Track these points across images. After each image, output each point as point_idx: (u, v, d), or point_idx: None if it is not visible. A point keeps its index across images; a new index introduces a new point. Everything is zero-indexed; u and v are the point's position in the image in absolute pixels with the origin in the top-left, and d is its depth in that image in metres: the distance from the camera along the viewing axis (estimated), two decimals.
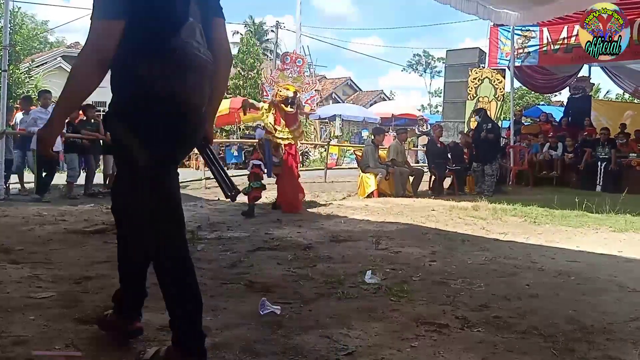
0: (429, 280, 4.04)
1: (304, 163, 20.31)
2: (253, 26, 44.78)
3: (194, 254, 4.69)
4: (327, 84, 41.96)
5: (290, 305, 3.30)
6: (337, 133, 27.02)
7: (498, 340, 2.80)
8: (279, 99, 7.84)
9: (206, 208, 8.10)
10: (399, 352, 2.64)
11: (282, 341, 2.72)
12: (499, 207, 8.19)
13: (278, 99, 7.85)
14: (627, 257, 5.03)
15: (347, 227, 6.56)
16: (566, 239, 5.96)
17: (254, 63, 29.34)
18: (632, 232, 6.48)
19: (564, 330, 2.97)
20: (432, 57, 51.61)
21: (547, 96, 29.06)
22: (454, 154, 11.64)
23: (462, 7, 11.80)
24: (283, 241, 5.50)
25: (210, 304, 3.30)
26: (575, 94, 15.80)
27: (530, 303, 3.48)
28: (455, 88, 15.78)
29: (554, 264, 4.67)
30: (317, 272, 4.20)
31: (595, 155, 12.44)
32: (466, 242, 5.70)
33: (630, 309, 3.38)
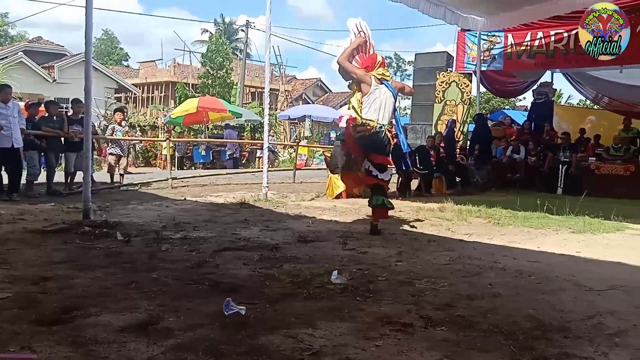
0: (394, 280, 4.05)
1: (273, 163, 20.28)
2: (223, 25, 44.56)
3: (157, 254, 4.68)
4: (298, 84, 41.96)
5: (255, 306, 3.27)
6: (306, 134, 27.01)
7: (460, 339, 2.83)
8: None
9: (172, 208, 7.99)
10: (363, 351, 2.64)
11: (246, 342, 2.70)
12: (464, 208, 8.28)
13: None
14: (585, 258, 5.14)
15: (314, 227, 6.55)
16: (528, 240, 6.06)
17: (223, 62, 29.18)
18: (590, 233, 6.62)
19: (523, 328, 3.03)
20: (403, 60, 52.07)
21: (512, 100, 29.61)
22: (422, 157, 11.72)
23: (430, 11, 11.91)
24: (250, 241, 5.46)
25: (174, 304, 3.27)
26: (538, 99, 16.05)
27: (492, 302, 3.53)
28: (423, 91, 15.90)
29: (516, 264, 4.74)
30: (283, 272, 4.18)
31: (557, 158, 12.71)
32: (432, 242, 5.75)
33: (587, 308, 3.46)
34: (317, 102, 38.86)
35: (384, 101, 6.15)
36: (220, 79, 28.97)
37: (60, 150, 10.10)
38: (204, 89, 28.34)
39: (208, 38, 36.23)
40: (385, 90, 6.17)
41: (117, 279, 3.85)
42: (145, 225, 6.28)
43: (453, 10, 12.67)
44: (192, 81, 31.48)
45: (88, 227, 5.86)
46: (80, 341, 2.65)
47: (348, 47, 6.46)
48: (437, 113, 15.43)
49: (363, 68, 6.30)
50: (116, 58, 53.11)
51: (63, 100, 20.00)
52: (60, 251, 4.75)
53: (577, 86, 16.88)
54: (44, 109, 10.35)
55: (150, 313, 3.10)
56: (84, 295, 3.43)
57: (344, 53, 6.40)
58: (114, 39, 56.34)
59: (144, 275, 3.97)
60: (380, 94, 6.14)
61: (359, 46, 6.47)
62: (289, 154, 22.68)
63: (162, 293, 3.51)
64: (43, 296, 3.39)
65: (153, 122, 23.83)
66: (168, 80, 33.29)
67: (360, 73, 6.24)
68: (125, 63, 52.67)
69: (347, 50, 6.41)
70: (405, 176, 11.23)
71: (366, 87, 6.15)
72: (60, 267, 4.15)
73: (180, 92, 27.75)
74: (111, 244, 5.15)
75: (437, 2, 11.96)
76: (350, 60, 6.37)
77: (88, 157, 7.20)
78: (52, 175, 9.79)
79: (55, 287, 3.59)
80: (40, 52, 28.40)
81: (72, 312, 3.08)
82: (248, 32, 33.12)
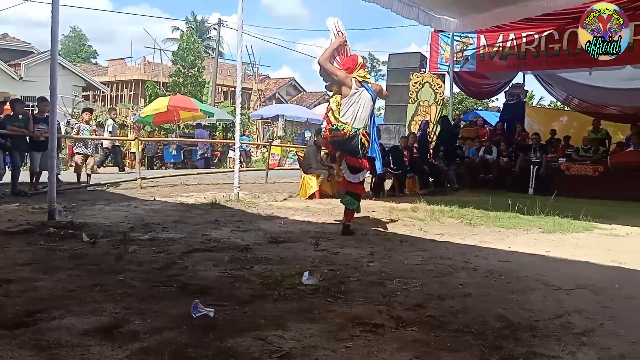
0: (366, 280, 4.04)
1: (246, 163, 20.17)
2: (195, 23, 44.20)
3: (124, 256, 4.59)
4: (271, 84, 41.84)
5: (224, 308, 3.22)
6: (279, 133, 26.93)
7: (431, 339, 2.83)
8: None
9: (141, 208, 7.86)
10: (333, 352, 2.61)
11: (214, 344, 2.65)
12: (437, 208, 8.32)
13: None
14: (554, 257, 5.21)
15: (287, 228, 6.51)
16: (499, 240, 6.11)
17: (194, 60, 28.93)
18: (559, 233, 6.72)
19: (493, 327, 3.04)
20: (377, 60, 52.22)
21: (485, 101, 29.94)
22: (395, 157, 11.76)
23: (404, 12, 11.96)
24: (220, 242, 5.39)
25: (140, 307, 3.20)
26: (510, 100, 16.27)
27: (463, 302, 3.54)
28: (397, 91, 15.99)
29: (487, 264, 4.77)
30: (253, 273, 4.13)
31: (528, 159, 12.90)
32: (404, 243, 5.75)
33: (555, 307, 3.49)
34: (290, 101, 38.78)
35: (363, 104, 6.13)
36: (191, 78, 28.71)
37: (26, 150, 9.87)
38: (175, 88, 28.06)
39: (179, 36, 35.89)
40: (365, 94, 6.15)
41: (82, 281, 3.76)
42: (112, 226, 6.16)
43: (426, 11, 12.76)
44: (162, 79, 31.16)
45: (53, 228, 5.73)
46: (43, 345, 2.58)
47: (328, 47, 6.40)
48: (410, 113, 15.53)
49: (344, 69, 6.26)
50: (84, 56, 52.21)
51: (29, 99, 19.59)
52: (25, 253, 4.64)
53: (548, 88, 17.13)
54: (10, 107, 10.11)
55: (116, 316, 3.03)
56: (47, 298, 3.34)
57: (325, 54, 6.32)
58: (82, 36, 55.36)
59: (109, 277, 3.88)
60: (361, 97, 6.12)
61: (339, 47, 6.44)
62: (262, 153, 22.57)
63: (128, 295, 3.43)
64: (5, 299, 3.30)
65: (122, 121, 23.49)
66: (138, 79, 32.89)
67: (341, 75, 6.19)
68: (94, 61, 51.80)
69: (327, 50, 6.35)
70: (378, 176, 11.25)
71: (347, 89, 6.12)
72: (24, 269, 4.05)
73: (150, 91, 27.40)
74: (77, 245, 5.04)
75: (410, 3, 12.02)
76: (331, 61, 6.33)
77: (53, 156, 7.04)
78: (17, 175, 9.56)
79: (18, 289, 3.50)
80: (6, 50, 27.85)
81: (35, 315, 3.00)
82: (220, 31, 32.81)
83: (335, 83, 6.34)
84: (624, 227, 7.24)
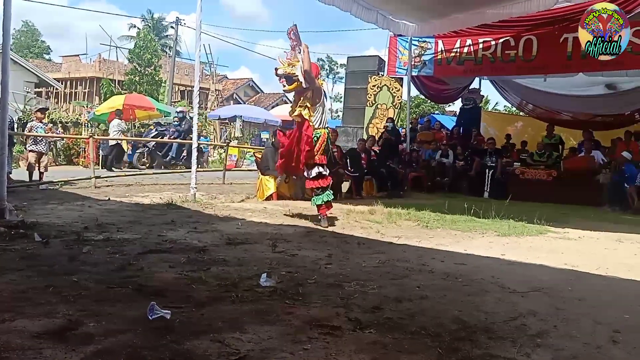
0: (324, 283, 4.05)
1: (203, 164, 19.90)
2: (152, 21, 43.53)
3: (78, 257, 4.47)
4: (229, 84, 41.56)
5: (181, 310, 3.19)
6: (237, 134, 26.73)
7: (388, 341, 2.85)
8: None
9: (95, 208, 7.68)
10: (291, 355, 2.61)
11: (171, 347, 2.62)
12: (394, 211, 8.39)
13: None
14: (509, 260, 5.33)
15: (244, 229, 6.47)
16: (455, 243, 6.22)
17: (151, 59, 28.50)
18: (514, 236, 6.89)
19: (449, 329, 3.08)
20: (335, 62, 52.46)
21: (442, 105, 30.34)
22: (352, 160, 11.83)
23: (363, 15, 12.02)
24: (177, 243, 5.32)
25: (94, 309, 3.13)
26: (466, 105, 16.51)
27: (420, 304, 3.59)
28: (355, 94, 16.10)
29: (443, 266, 4.85)
30: (211, 275, 4.10)
31: (484, 163, 13.15)
32: (362, 245, 5.79)
33: (510, 309, 3.57)
34: (248, 102, 38.63)
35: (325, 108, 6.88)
36: (148, 76, 28.28)
37: None
38: (131, 86, 27.57)
39: (136, 34, 35.31)
40: (324, 98, 6.85)
41: (34, 282, 3.66)
42: (66, 226, 6.01)
43: (385, 16, 12.85)
44: (118, 77, 30.56)
45: (3, 227, 5.55)
46: None
47: (305, 55, 6.75)
48: (368, 116, 15.66)
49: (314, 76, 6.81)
50: (37, 51, 50.81)
51: None
52: None
53: (503, 93, 17.47)
54: None
55: (69, 318, 2.96)
56: None
57: (307, 62, 6.73)
58: (35, 31, 53.87)
59: (63, 278, 3.78)
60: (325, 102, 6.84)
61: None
62: (219, 154, 22.34)
63: (82, 297, 3.36)
64: None
65: (76, 118, 22.92)
66: (93, 76, 32.19)
67: (318, 83, 6.81)
68: (47, 57, 50.52)
69: (307, 58, 6.73)
70: (336, 178, 11.29)
71: (321, 96, 6.76)
72: None
73: (105, 89, 26.86)
74: (28, 245, 4.90)
75: (369, 7, 12.08)
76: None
77: (4, 153, 6.81)
78: None
79: None
80: None
81: None
82: (178, 29, 32.45)
83: (315, 89, 6.82)
84: (576, 230, 7.46)
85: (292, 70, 6.87)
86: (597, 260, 5.42)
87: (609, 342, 3.02)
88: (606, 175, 11.64)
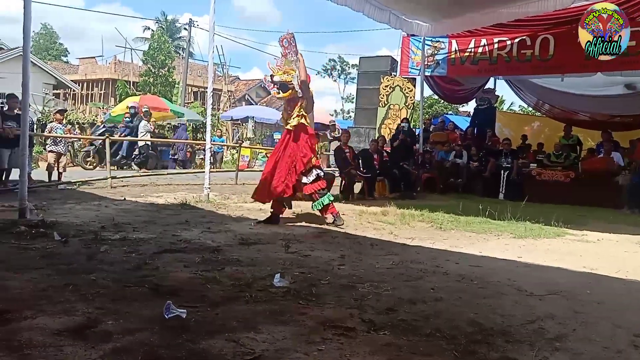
0: (337, 283, 4.06)
1: (215, 164, 19.97)
2: (165, 23, 43.80)
3: (96, 256, 4.52)
4: (241, 85, 41.69)
5: (196, 309, 3.22)
6: (249, 135, 26.83)
7: (403, 343, 2.85)
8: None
9: (111, 208, 7.76)
10: (305, 355, 2.63)
11: (187, 346, 2.65)
12: (407, 212, 8.36)
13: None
14: (525, 262, 5.28)
15: (257, 230, 6.50)
16: (470, 245, 6.18)
17: (165, 60, 28.71)
18: (531, 238, 6.82)
19: (465, 332, 3.07)
20: (347, 63, 52.32)
21: (455, 106, 30.21)
22: (365, 160, 11.81)
23: (375, 15, 12.00)
24: (191, 243, 5.36)
25: (112, 307, 3.18)
26: (481, 105, 16.36)
27: (434, 306, 3.58)
28: (367, 94, 16.08)
29: (458, 268, 4.83)
30: (224, 275, 4.13)
31: (499, 164, 13.05)
32: (375, 246, 5.79)
33: (527, 312, 3.54)
34: (260, 103, 38.66)
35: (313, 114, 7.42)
36: (162, 78, 28.51)
37: None
38: (145, 87, 27.79)
39: (150, 35, 35.53)
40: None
41: (54, 280, 3.72)
42: (84, 225, 6.09)
43: (398, 16, 12.81)
44: (133, 79, 30.83)
45: (24, 226, 5.65)
46: (15, 345, 2.55)
47: (301, 65, 6.93)
48: (380, 117, 15.62)
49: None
50: (55, 53, 51.28)
51: None
52: None
53: (519, 93, 17.31)
54: None
55: (88, 316, 3.01)
56: (18, 298, 3.30)
57: (304, 71, 6.96)
58: (53, 34, 54.37)
59: (81, 277, 3.84)
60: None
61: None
62: (232, 155, 22.42)
63: (100, 295, 3.41)
64: None
65: (92, 119, 23.12)
66: (108, 78, 32.49)
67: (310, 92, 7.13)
68: (65, 59, 50.91)
69: (303, 68, 6.94)
70: (348, 179, 11.28)
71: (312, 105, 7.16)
72: None
73: (120, 90, 27.10)
74: (48, 244, 4.97)
75: (382, 7, 12.06)
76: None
77: (25, 154, 6.92)
78: None
79: None
80: None
81: (6, 315, 2.95)
82: (191, 31, 32.64)
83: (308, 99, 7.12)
84: (595, 233, 7.36)
85: (289, 79, 6.99)
86: (616, 263, 5.37)
87: (629, 346, 2.99)
88: (625, 177, 11.49)
